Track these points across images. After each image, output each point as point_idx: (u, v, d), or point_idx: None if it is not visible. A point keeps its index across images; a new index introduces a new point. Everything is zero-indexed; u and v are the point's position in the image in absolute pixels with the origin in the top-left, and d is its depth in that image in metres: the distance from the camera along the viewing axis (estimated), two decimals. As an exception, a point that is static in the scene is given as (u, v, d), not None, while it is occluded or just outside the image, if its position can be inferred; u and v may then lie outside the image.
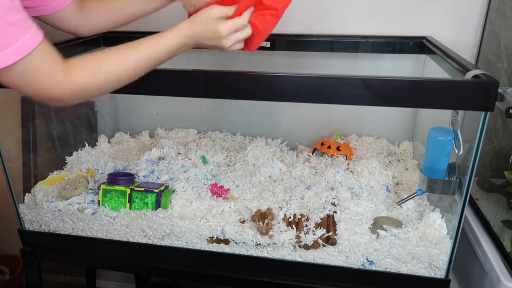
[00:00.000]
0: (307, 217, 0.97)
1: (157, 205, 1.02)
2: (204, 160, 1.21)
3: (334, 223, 0.95)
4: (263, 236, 0.93)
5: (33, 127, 1.24)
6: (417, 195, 0.95)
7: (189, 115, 1.44)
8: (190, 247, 0.99)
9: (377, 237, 0.90)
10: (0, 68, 0.63)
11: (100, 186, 1.04)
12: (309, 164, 1.21)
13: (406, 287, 0.92)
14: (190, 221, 0.97)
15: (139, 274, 1.65)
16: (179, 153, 1.26)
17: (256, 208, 1.01)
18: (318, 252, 0.92)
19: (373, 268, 0.91)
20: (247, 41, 0.81)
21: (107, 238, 1.03)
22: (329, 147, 1.24)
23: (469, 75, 0.76)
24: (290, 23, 1.28)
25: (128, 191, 1.02)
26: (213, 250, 0.97)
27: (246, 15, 0.77)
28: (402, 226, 0.92)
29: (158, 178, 1.14)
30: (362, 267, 0.92)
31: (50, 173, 1.19)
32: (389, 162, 1.22)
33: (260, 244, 0.94)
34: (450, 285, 0.89)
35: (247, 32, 0.78)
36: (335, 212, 0.98)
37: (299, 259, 0.94)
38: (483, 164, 1.20)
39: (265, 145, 1.30)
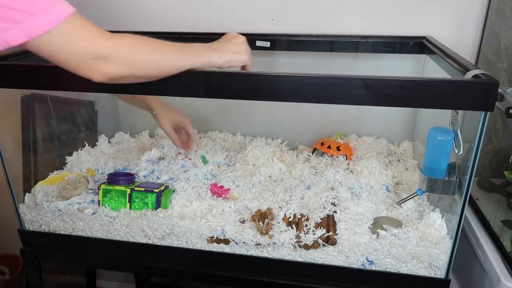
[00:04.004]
0: (307, 217, 0.97)
1: (157, 205, 1.02)
2: (204, 160, 1.21)
3: (334, 223, 0.95)
4: (263, 236, 0.93)
5: (33, 127, 1.24)
6: (417, 195, 0.95)
7: (189, 115, 1.44)
8: (190, 247, 0.99)
9: (377, 237, 0.90)
10: (44, 32, 0.64)
11: (100, 186, 1.04)
12: (309, 164, 1.21)
13: (406, 287, 0.92)
14: (190, 221, 0.97)
15: (139, 274, 1.65)
16: (179, 153, 1.26)
17: (256, 208, 1.01)
18: (318, 252, 0.92)
19: (373, 268, 0.91)
20: None
21: (107, 238, 1.03)
22: (329, 147, 1.24)
23: (469, 75, 0.76)
24: (290, 23, 1.28)
25: (128, 191, 1.02)
26: (213, 250, 0.97)
27: None
28: (402, 226, 0.92)
29: (158, 178, 1.14)
30: (362, 267, 0.92)
31: (50, 173, 1.19)
32: (389, 162, 1.22)
33: (260, 244, 0.94)
34: (450, 285, 0.89)
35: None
36: (335, 212, 0.98)
37: (299, 259, 0.94)
38: (483, 164, 1.20)
39: (265, 145, 1.30)
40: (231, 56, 0.81)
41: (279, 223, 0.96)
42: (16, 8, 0.63)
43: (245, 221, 0.98)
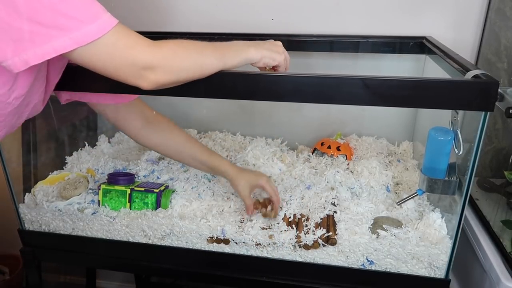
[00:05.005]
0: (307, 217, 0.97)
1: (157, 205, 1.02)
2: (204, 160, 1.21)
3: (334, 223, 0.95)
4: (271, 219, 0.95)
5: (33, 127, 1.24)
6: (417, 195, 0.95)
7: (189, 115, 1.44)
8: (190, 247, 0.99)
9: (377, 237, 0.90)
10: (93, 41, 0.64)
11: (100, 186, 1.04)
12: (309, 164, 1.21)
13: (406, 287, 0.92)
14: (190, 221, 0.97)
15: (139, 274, 1.65)
16: (179, 153, 1.26)
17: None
18: (318, 252, 0.92)
19: (373, 268, 0.91)
20: None
21: (107, 238, 1.03)
22: (329, 147, 1.24)
23: (469, 75, 0.76)
24: (290, 23, 1.28)
25: (128, 191, 1.02)
26: (213, 250, 0.97)
27: None
28: (402, 226, 0.92)
29: (158, 178, 1.14)
30: (362, 267, 0.92)
31: (50, 173, 1.19)
32: (389, 162, 1.22)
33: (260, 244, 0.94)
34: (450, 285, 0.89)
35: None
36: (335, 212, 0.98)
37: (299, 259, 0.94)
38: (483, 164, 1.20)
39: (265, 145, 1.30)
40: (267, 52, 0.81)
41: (279, 223, 0.96)
42: (66, 14, 0.62)
43: (244, 221, 0.98)
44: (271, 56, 0.82)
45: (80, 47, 0.64)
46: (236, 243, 0.95)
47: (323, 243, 0.91)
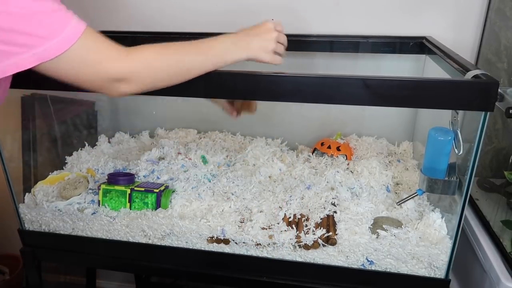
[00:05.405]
0: (307, 217, 0.97)
1: (157, 205, 1.02)
2: (204, 160, 1.21)
3: (334, 223, 0.95)
4: (249, 112, 1.02)
5: (33, 127, 1.24)
6: (417, 195, 0.95)
7: (189, 115, 1.44)
8: (190, 247, 0.99)
9: (377, 237, 0.90)
10: (58, 55, 0.62)
11: (100, 186, 1.04)
12: (309, 164, 1.21)
13: (406, 287, 0.92)
14: (190, 221, 0.97)
15: (139, 274, 1.65)
16: (179, 153, 1.26)
17: (256, 208, 1.01)
18: (318, 252, 0.92)
19: (373, 268, 0.91)
20: None
21: (107, 238, 1.03)
22: (329, 147, 1.24)
23: (469, 75, 0.76)
24: (290, 23, 1.28)
25: (128, 191, 1.02)
26: (213, 250, 0.97)
27: None
28: (402, 226, 0.92)
29: (158, 178, 1.14)
30: (362, 267, 0.92)
31: (50, 173, 1.19)
32: (389, 162, 1.22)
33: (260, 244, 0.94)
34: (450, 285, 0.89)
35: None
36: (335, 212, 0.98)
37: (299, 259, 0.94)
38: (483, 164, 1.20)
39: (265, 145, 1.30)
40: (253, 53, 0.78)
41: (278, 223, 0.96)
42: (27, 32, 0.61)
43: (244, 221, 0.98)
44: (259, 57, 0.79)
45: (43, 63, 0.63)
46: (236, 243, 0.95)
47: (323, 243, 0.91)
